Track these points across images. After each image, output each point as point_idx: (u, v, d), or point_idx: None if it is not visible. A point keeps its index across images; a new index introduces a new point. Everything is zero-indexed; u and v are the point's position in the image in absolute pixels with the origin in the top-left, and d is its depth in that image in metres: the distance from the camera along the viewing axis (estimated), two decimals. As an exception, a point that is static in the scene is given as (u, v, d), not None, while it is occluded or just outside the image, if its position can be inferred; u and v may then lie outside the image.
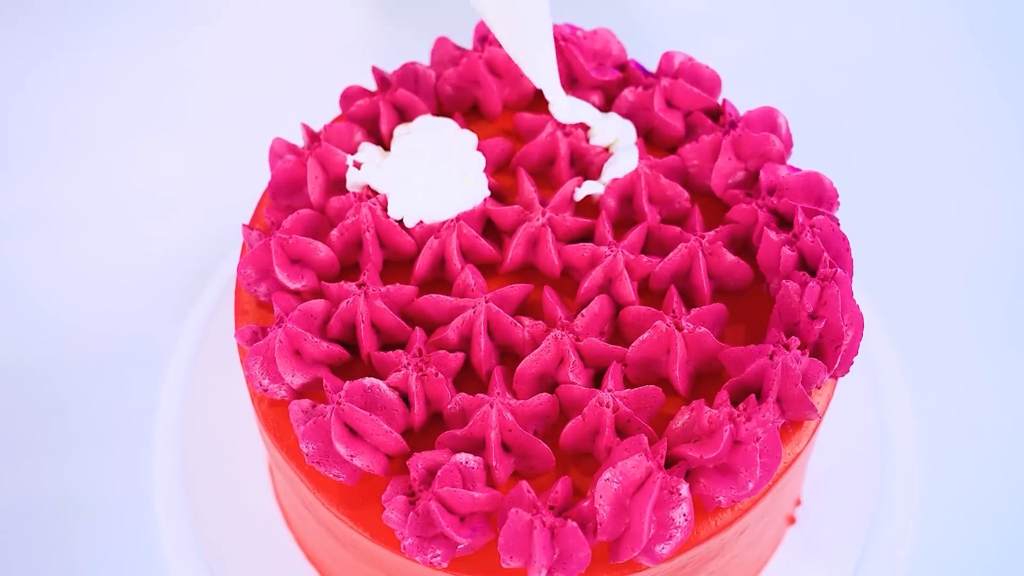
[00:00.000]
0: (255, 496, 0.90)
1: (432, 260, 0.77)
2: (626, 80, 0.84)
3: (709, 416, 0.68)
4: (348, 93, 0.84)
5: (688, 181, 0.81)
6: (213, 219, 1.06)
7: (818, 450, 0.84)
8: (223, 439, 0.91)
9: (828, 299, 0.71)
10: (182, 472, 0.90)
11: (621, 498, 0.67)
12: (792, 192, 0.77)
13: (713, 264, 0.76)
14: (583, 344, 0.72)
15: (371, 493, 0.70)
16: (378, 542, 0.69)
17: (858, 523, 0.88)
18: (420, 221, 0.77)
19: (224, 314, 0.93)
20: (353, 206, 0.77)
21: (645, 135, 0.83)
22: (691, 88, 0.81)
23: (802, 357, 0.70)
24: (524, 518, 0.65)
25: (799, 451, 0.72)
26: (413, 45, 0.95)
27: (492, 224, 0.80)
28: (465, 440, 0.69)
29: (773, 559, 0.87)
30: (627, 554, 0.66)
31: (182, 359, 0.95)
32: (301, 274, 0.76)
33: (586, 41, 0.84)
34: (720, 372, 0.74)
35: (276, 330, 0.72)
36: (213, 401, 0.92)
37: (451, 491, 0.66)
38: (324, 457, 0.69)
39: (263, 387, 0.72)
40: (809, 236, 0.74)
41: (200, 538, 0.88)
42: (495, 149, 0.82)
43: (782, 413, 0.70)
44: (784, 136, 0.81)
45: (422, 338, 0.73)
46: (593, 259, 0.76)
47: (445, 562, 0.67)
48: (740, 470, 0.67)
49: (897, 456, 0.90)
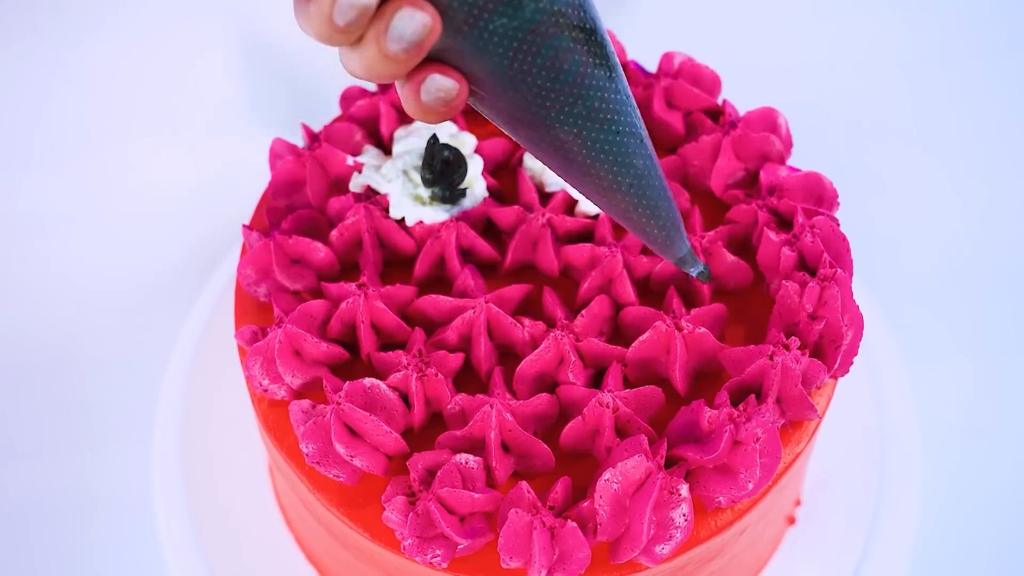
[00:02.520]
0: (255, 496, 0.90)
1: (432, 260, 0.77)
2: (626, 80, 0.84)
3: (709, 416, 0.68)
4: (348, 94, 0.84)
5: (688, 181, 0.81)
6: (213, 219, 1.06)
7: (818, 450, 0.84)
8: (223, 439, 0.91)
9: (828, 299, 0.71)
10: (182, 472, 0.90)
11: (621, 498, 0.67)
12: (792, 192, 0.77)
13: (713, 264, 0.76)
14: (583, 344, 0.72)
15: (371, 493, 0.70)
16: (378, 542, 0.69)
17: (858, 523, 0.88)
18: (420, 221, 0.77)
19: (224, 314, 0.93)
20: (353, 206, 0.77)
21: (645, 135, 0.83)
22: (691, 88, 0.81)
23: (802, 357, 0.70)
24: (524, 518, 0.65)
25: (799, 451, 0.72)
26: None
27: (492, 224, 0.80)
28: (465, 440, 0.69)
29: (773, 559, 0.87)
30: (627, 554, 0.66)
31: (182, 359, 0.95)
32: (301, 274, 0.76)
33: (586, 41, 0.84)
34: (720, 372, 0.74)
35: (276, 330, 0.72)
36: (213, 401, 0.92)
37: (451, 491, 0.66)
38: (324, 457, 0.69)
39: (263, 387, 0.72)
40: (809, 236, 0.74)
41: (200, 538, 0.88)
42: (495, 149, 0.82)
43: (782, 413, 0.70)
44: (784, 136, 0.81)
45: (422, 338, 0.73)
46: (593, 259, 0.76)
47: (445, 562, 0.67)
48: (740, 470, 0.67)
49: (897, 456, 0.90)
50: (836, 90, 1.16)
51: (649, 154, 0.61)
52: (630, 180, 0.61)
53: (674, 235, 0.65)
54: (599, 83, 0.58)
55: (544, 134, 0.59)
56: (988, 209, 1.09)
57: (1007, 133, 1.14)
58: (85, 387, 0.98)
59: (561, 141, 0.59)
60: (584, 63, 0.57)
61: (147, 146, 1.13)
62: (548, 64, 0.56)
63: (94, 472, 0.95)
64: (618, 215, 0.63)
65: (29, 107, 1.16)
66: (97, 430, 0.97)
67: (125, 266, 1.05)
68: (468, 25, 0.54)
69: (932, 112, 1.15)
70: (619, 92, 0.59)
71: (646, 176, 0.62)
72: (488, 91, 0.57)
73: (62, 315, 1.03)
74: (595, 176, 0.61)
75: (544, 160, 0.61)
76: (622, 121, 0.59)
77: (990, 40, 1.20)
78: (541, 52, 0.56)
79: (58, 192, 1.10)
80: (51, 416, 0.97)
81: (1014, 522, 0.93)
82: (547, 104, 0.57)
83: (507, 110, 0.58)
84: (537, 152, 0.61)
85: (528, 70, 0.56)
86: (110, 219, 1.08)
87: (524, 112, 0.58)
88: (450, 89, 0.55)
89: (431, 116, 0.57)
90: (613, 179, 0.61)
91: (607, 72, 0.58)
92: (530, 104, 0.57)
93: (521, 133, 0.59)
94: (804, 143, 0.85)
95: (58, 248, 1.07)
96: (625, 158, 0.60)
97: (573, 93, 0.57)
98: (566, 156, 0.60)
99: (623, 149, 0.60)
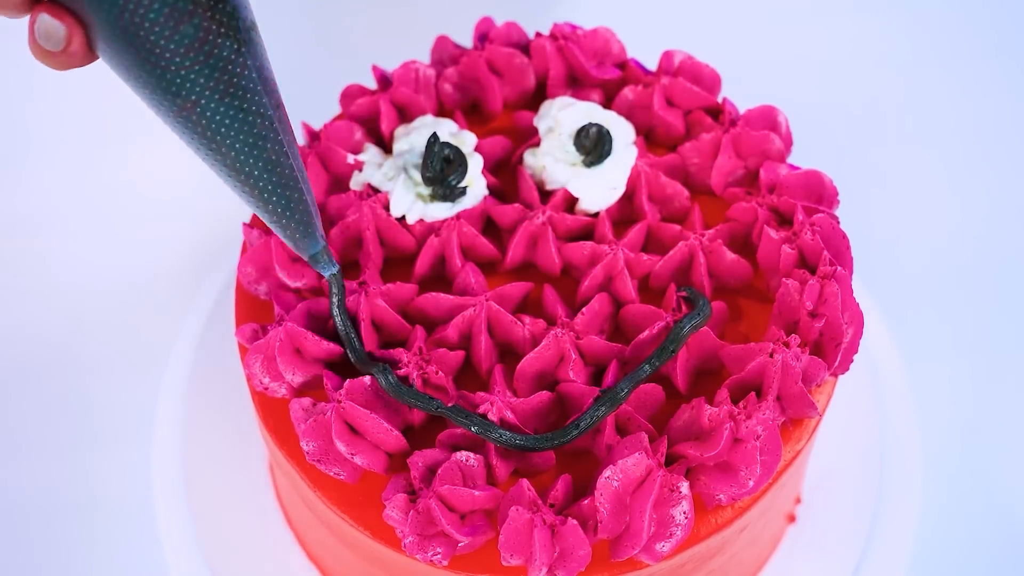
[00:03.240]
0: (255, 495, 0.90)
1: (432, 258, 0.77)
2: (626, 78, 0.84)
3: (709, 414, 0.68)
4: (348, 92, 0.84)
5: (688, 179, 0.82)
6: (213, 219, 1.06)
7: (818, 448, 0.84)
8: (223, 439, 0.91)
9: (828, 297, 0.71)
10: (182, 472, 0.90)
11: (621, 496, 0.67)
12: (792, 190, 0.77)
13: (713, 262, 0.76)
14: (583, 342, 0.72)
15: (372, 491, 0.70)
16: (379, 540, 0.69)
17: (859, 521, 0.88)
18: (420, 219, 0.77)
19: (224, 314, 0.93)
20: (354, 204, 0.77)
21: (645, 134, 0.83)
22: (691, 86, 0.81)
23: (802, 355, 0.70)
24: (524, 516, 0.65)
25: (799, 449, 0.72)
26: (413, 44, 0.95)
27: (492, 222, 0.80)
28: (465, 438, 0.69)
29: (773, 557, 0.87)
30: (627, 552, 0.66)
31: (182, 358, 0.95)
32: (301, 272, 0.76)
33: (586, 40, 0.84)
34: (720, 370, 0.74)
35: (276, 328, 0.72)
36: (213, 401, 0.92)
37: (451, 489, 0.66)
38: (325, 455, 0.69)
39: (263, 385, 0.72)
40: (809, 234, 0.74)
41: (200, 538, 0.88)
42: (495, 148, 0.82)
43: (782, 411, 0.70)
44: (784, 134, 0.81)
45: (422, 336, 0.73)
46: (593, 257, 0.76)
47: (445, 560, 0.67)
48: (740, 468, 0.67)
49: (898, 454, 0.90)
50: (836, 88, 1.16)
51: (281, 140, 0.60)
52: (256, 163, 0.60)
53: (308, 230, 0.64)
54: (223, 53, 0.57)
55: (162, 97, 0.58)
56: (988, 208, 1.09)
57: (1007, 132, 1.14)
58: (85, 386, 0.98)
59: (180, 108, 0.58)
60: (206, 28, 0.56)
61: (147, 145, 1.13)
62: (161, 21, 0.55)
63: (94, 472, 0.94)
64: (250, 202, 0.63)
65: (29, 107, 1.16)
66: (97, 429, 0.97)
67: (125, 265, 1.05)
68: None
69: (932, 111, 1.15)
70: (248, 69, 0.58)
71: (276, 163, 0.61)
72: (105, 43, 0.56)
73: (62, 315, 1.03)
74: (220, 154, 0.60)
75: (176, 131, 0.60)
76: (249, 99, 0.59)
77: (990, 40, 1.20)
78: (153, 7, 0.55)
79: (58, 192, 1.10)
80: (51, 415, 0.97)
81: (1014, 520, 0.93)
82: (162, 64, 0.56)
83: (126, 66, 0.57)
84: (167, 121, 0.59)
85: (140, 23, 0.55)
86: (110, 218, 1.08)
87: (141, 71, 0.57)
88: (58, 31, 0.54)
89: (48, 60, 0.55)
90: (236, 158, 0.60)
91: (235, 44, 0.57)
92: (145, 61, 0.56)
93: (144, 96, 0.58)
94: (804, 141, 0.85)
95: (58, 248, 1.07)
96: (250, 138, 0.60)
97: (190, 57, 0.56)
98: (188, 126, 0.59)
99: (249, 129, 0.59)
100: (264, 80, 0.59)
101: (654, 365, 0.70)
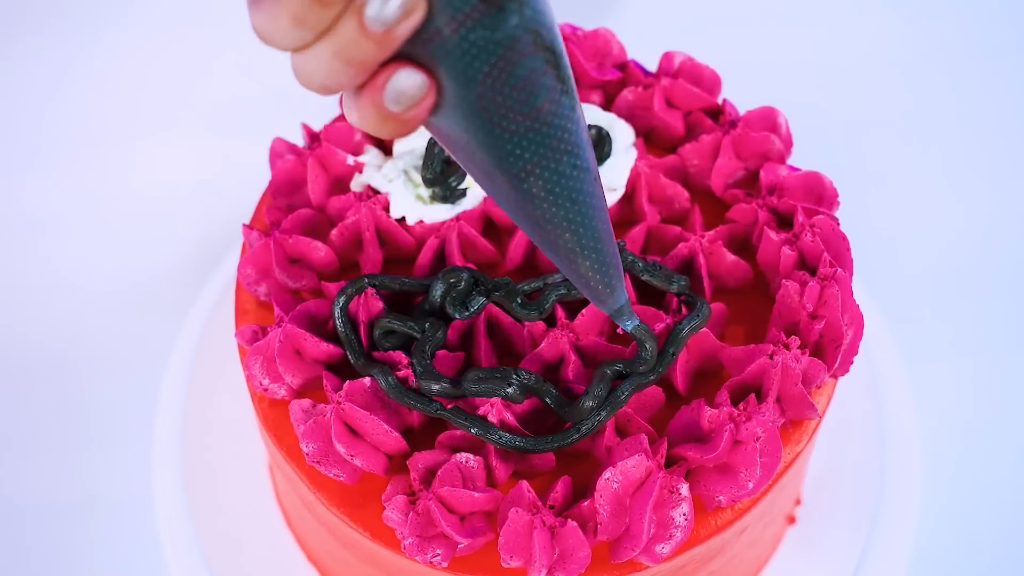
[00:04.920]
0: (255, 496, 0.90)
1: (432, 259, 0.77)
2: (626, 80, 0.84)
3: (709, 416, 0.68)
4: (348, 93, 0.84)
5: (688, 181, 0.81)
6: (213, 219, 1.06)
7: (818, 450, 0.84)
8: (223, 439, 0.91)
9: (828, 299, 0.71)
10: (182, 472, 0.90)
11: (621, 498, 0.67)
12: (792, 192, 0.77)
13: (713, 263, 0.76)
14: (583, 343, 0.72)
15: (371, 493, 0.70)
16: (378, 542, 0.69)
17: (859, 523, 0.88)
18: (420, 220, 0.77)
19: (224, 314, 0.93)
20: (353, 205, 0.77)
21: (645, 135, 0.83)
22: (691, 88, 0.81)
23: (802, 356, 0.70)
24: (524, 518, 0.65)
25: (799, 451, 0.72)
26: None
27: (492, 223, 0.80)
28: (465, 439, 0.69)
29: (773, 558, 0.87)
30: (627, 553, 0.66)
31: (182, 359, 0.95)
32: (301, 274, 0.76)
33: (586, 40, 0.84)
34: (720, 371, 0.74)
35: (276, 330, 0.71)
36: (213, 401, 0.92)
37: (451, 491, 0.66)
38: (324, 456, 0.69)
39: (263, 387, 0.72)
40: (809, 236, 0.74)
41: (200, 538, 0.88)
42: (495, 149, 0.82)
43: (782, 413, 0.70)
44: (784, 136, 0.81)
45: (422, 337, 0.73)
46: (593, 259, 0.76)
47: (445, 562, 0.67)
48: (740, 470, 0.67)
49: (898, 455, 0.90)
50: (836, 89, 1.16)
51: (602, 194, 0.57)
52: (581, 219, 0.56)
53: (615, 283, 0.60)
54: (564, 111, 0.53)
55: (500, 161, 0.53)
56: (988, 208, 1.09)
57: (1007, 133, 1.14)
58: (85, 387, 0.98)
59: (517, 170, 0.54)
60: (554, 88, 0.52)
61: (147, 146, 1.13)
62: (521, 85, 0.51)
63: (94, 472, 0.94)
64: (558, 254, 0.58)
65: (30, 107, 1.16)
66: (97, 430, 0.97)
67: (125, 266, 1.05)
68: (450, 29, 0.49)
69: (932, 111, 1.15)
70: (579, 125, 0.54)
71: (596, 218, 0.57)
72: (447, 108, 0.52)
73: (62, 315, 1.03)
74: (545, 210, 0.56)
75: (490, 189, 0.56)
76: (581, 155, 0.55)
77: (990, 40, 1.20)
78: (515, 71, 0.50)
79: (59, 192, 1.10)
80: (51, 416, 0.97)
81: (1015, 521, 0.93)
82: (511, 128, 0.52)
83: (465, 132, 0.53)
84: (483, 180, 0.55)
85: (500, 88, 0.51)
86: (110, 219, 1.08)
87: (486, 135, 0.52)
88: (418, 88, 0.49)
89: (389, 124, 0.50)
90: (565, 215, 0.56)
91: (571, 101, 0.53)
92: (494, 127, 0.52)
93: (475, 158, 0.54)
94: (804, 142, 0.85)
95: (58, 248, 1.07)
96: (580, 195, 0.55)
97: (539, 119, 0.52)
98: (518, 186, 0.55)
99: (580, 185, 0.55)
100: (588, 133, 0.56)
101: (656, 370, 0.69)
